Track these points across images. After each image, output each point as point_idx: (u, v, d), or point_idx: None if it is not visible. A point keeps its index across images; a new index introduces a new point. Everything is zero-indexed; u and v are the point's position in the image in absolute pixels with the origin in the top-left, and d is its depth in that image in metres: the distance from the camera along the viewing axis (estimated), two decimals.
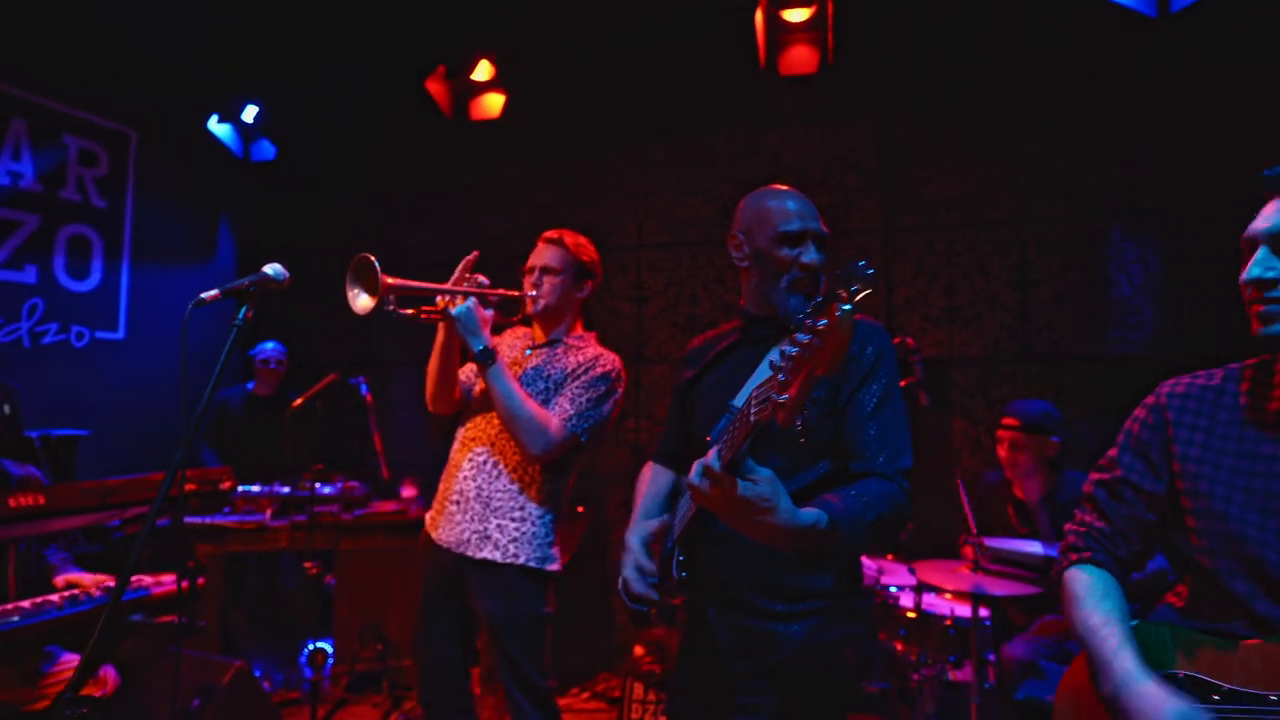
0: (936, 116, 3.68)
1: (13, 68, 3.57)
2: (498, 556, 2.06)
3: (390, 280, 1.96)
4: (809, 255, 1.48)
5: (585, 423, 2.07)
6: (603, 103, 4.30)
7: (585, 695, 3.78)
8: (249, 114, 4.21)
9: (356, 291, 2.01)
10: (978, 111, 3.60)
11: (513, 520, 2.09)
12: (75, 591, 2.38)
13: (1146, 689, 1.04)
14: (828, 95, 3.82)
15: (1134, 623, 1.17)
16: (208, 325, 4.51)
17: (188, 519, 3.48)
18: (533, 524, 2.10)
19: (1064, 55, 3.41)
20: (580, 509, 3.93)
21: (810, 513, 1.18)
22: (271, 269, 1.63)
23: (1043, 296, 3.50)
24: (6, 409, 2.99)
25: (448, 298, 2.06)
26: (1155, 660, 1.11)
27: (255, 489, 3.70)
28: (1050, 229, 3.47)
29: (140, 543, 1.36)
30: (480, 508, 2.11)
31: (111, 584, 2.47)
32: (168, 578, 2.60)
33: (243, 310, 1.57)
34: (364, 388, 3.62)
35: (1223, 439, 1.16)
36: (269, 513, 3.63)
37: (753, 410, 1.05)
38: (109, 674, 2.48)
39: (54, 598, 2.33)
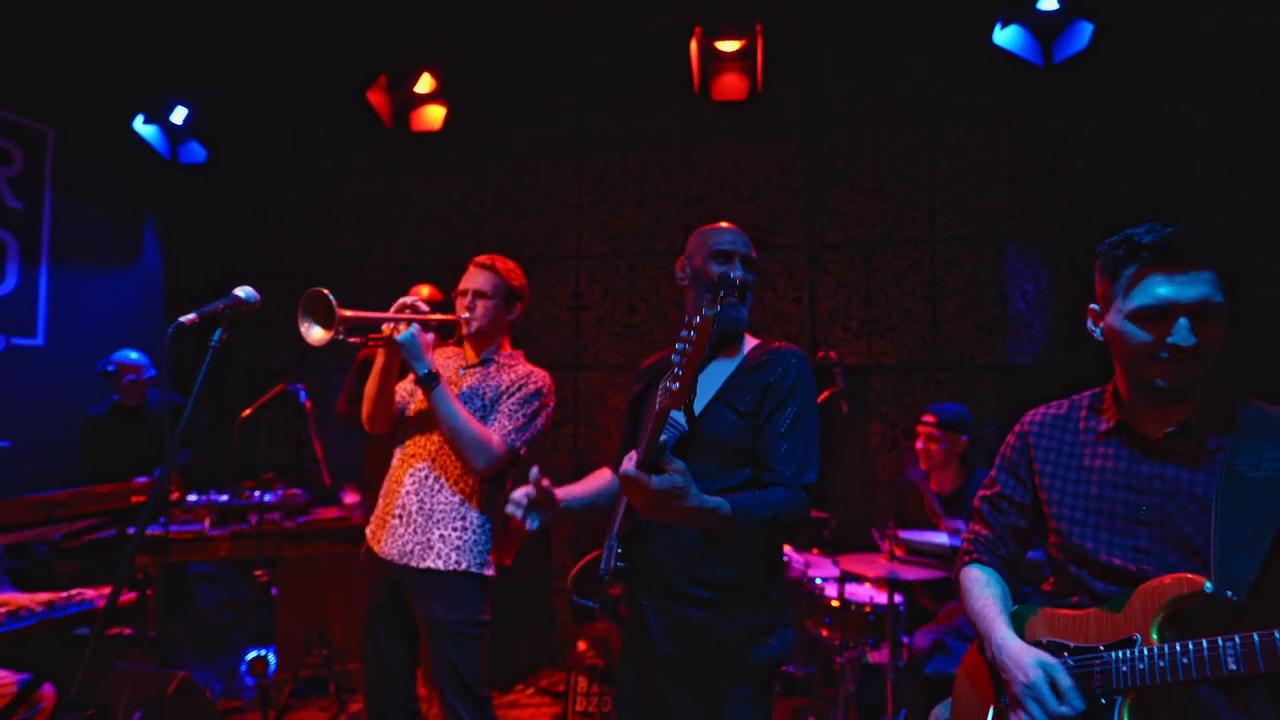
0: (856, 144, 3.97)
1: None
2: (440, 564, 2.16)
3: (345, 313, 2.05)
4: (735, 271, 1.69)
5: (523, 436, 2.21)
6: (543, 118, 4.41)
7: (530, 691, 3.89)
8: (178, 115, 4.10)
9: (309, 325, 2.08)
10: (893, 141, 3.91)
11: (454, 530, 2.19)
12: (15, 608, 2.33)
13: (1017, 647, 1.31)
14: (757, 119, 4.05)
15: (1013, 608, 1.44)
16: (132, 327, 4.39)
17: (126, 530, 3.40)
18: (474, 532, 2.21)
19: (968, 94, 3.74)
20: (515, 524, 4.03)
21: (715, 500, 1.39)
22: (243, 291, 1.69)
23: (950, 310, 3.83)
24: None
25: (391, 325, 2.16)
26: (1026, 633, 1.37)
27: (193, 498, 3.64)
28: (956, 248, 3.81)
29: (131, 553, 1.41)
30: (423, 520, 2.20)
31: (50, 600, 2.43)
32: (107, 590, 2.57)
33: (218, 332, 1.62)
34: (303, 394, 3.61)
35: (1068, 456, 1.42)
36: (207, 522, 3.59)
37: (658, 401, 1.29)
38: (47, 692, 2.44)
39: None
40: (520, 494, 1.58)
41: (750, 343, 1.75)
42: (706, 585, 1.58)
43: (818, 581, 3.03)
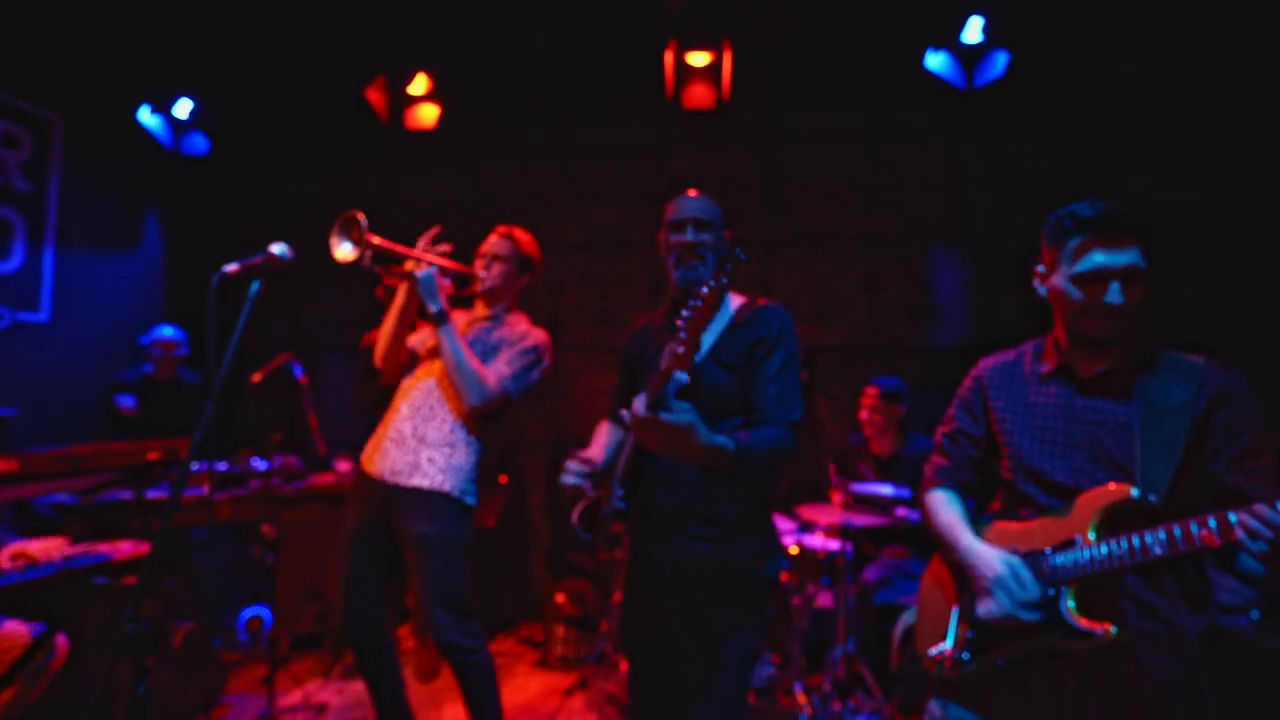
0: (806, 150, 4.07)
1: None
2: (426, 484, 2.11)
3: (374, 238, 2.01)
4: (683, 236, 1.71)
5: (517, 384, 2.18)
6: (530, 120, 4.38)
7: (511, 640, 3.86)
8: (183, 108, 3.94)
9: (340, 239, 2.04)
10: (838, 149, 4.02)
11: (442, 454, 2.14)
12: (35, 558, 2.21)
13: (984, 549, 1.40)
14: (722, 127, 4.11)
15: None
16: (133, 308, 4.19)
17: (119, 496, 3.23)
18: (460, 460, 2.16)
19: (903, 110, 3.88)
20: (503, 479, 4.01)
21: (722, 438, 1.42)
22: (278, 248, 1.64)
23: (886, 300, 3.97)
24: None
25: (414, 262, 2.12)
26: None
27: (195, 466, 3.49)
28: (891, 246, 3.94)
29: (171, 510, 1.35)
30: (415, 442, 2.15)
31: (65, 549, 2.32)
32: (124, 544, 2.46)
33: (255, 284, 1.57)
34: (298, 369, 3.50)
35: (1017, 395, 1.50)
36: (208, 487, 3.44)
37: (664, 360, 1.31)
38: (61, 642, 2.32)
39: (7, 565, 2.16)
40: (574, 466, 1.62)
41: (736, 301, 1.75)
42: (711, 522, 1.60)
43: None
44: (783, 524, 3.19)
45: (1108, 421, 1.37)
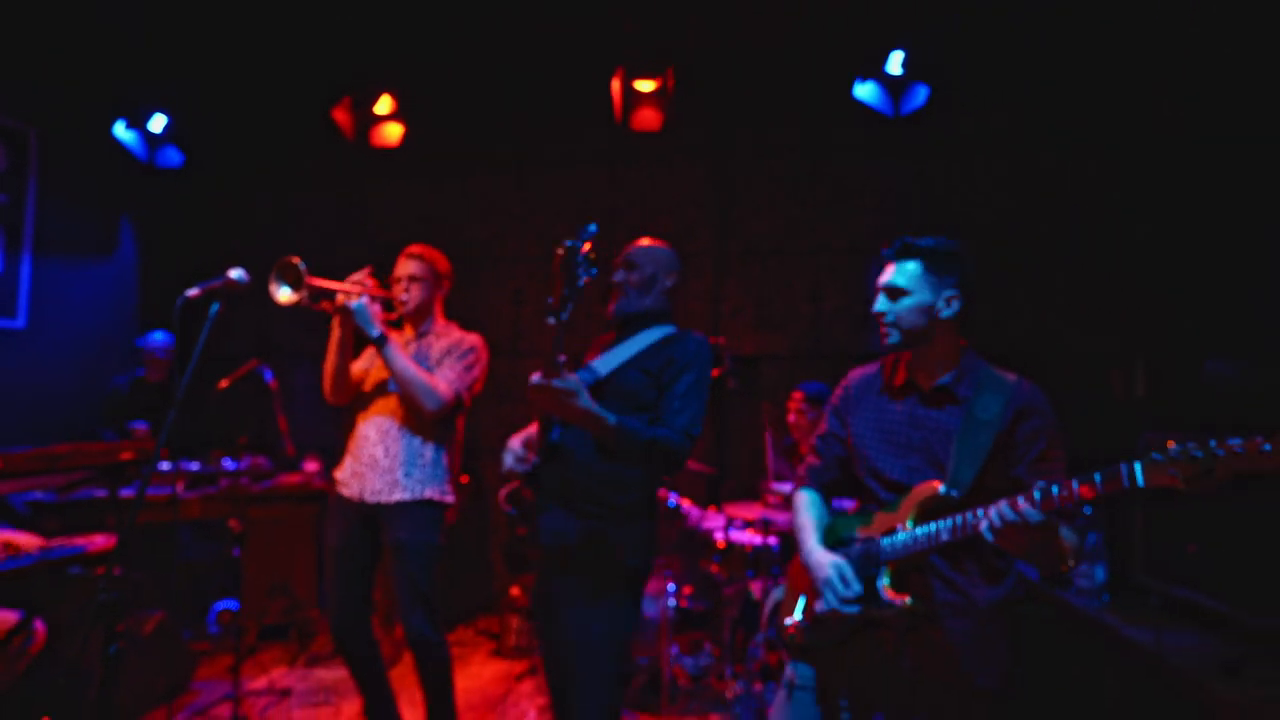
0: (753, 169, 4.36)
1: None
2: (408, 496, 2.40)
3: (312, 280, 2.25)
4: (628, 275, 2.02)
5: (463, 382, 2.46)
6: (489, 137, 4.64)
7: (470, 631, 4.13)
8: (157, 123, 4.17)
9: (279, 285, 2.25)
10: (782, 168, 4.31)
11: (416, 468, 2.43)
12: (16, 549, 2.44)
13: (819, 554, 1.67)
14: (672, 145, 4.38)
15: (827, 521, 1.78)
16: (108, 315, 4.42)
17: (98, 493, 3.47)
18: (432, 467, 2.46)
19: (841, 133, 4.18)
20: (464, 478, 4.27)
21: (604, 410, 1.69)
22: (235, 273, 1.86)
23: (829, 310, 4.26)
24: None
25: (344, 295, 2.36)
26: (838, 535, 1.71)
27: (165, 466, 3.73)
28: (834, 259, 4.24)
29: (137, 504, 1.61)
30: (389, 463, 2.43)
31: (43, 543, 2.55)
32: (98, 538, 2.69)
33: (214, 305, 1.82)
34: (268, 374, 3.74)
35: (870, 402, 1.78)
36: (180, 485, 3.69)
37: (549, 320, 1.62)
38: (39, 627, 2.56)
39: None
40: (514, 452, 1.89)
41: (669, 329, 2.01)
42: (600, 503, 1.86)
43: (708, 528, 3.39)
44: (715, 522, 3.48)
45: (939, 429, 1.65)
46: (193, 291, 1.77)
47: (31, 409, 3.84)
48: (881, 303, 1.65)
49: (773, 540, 3.17)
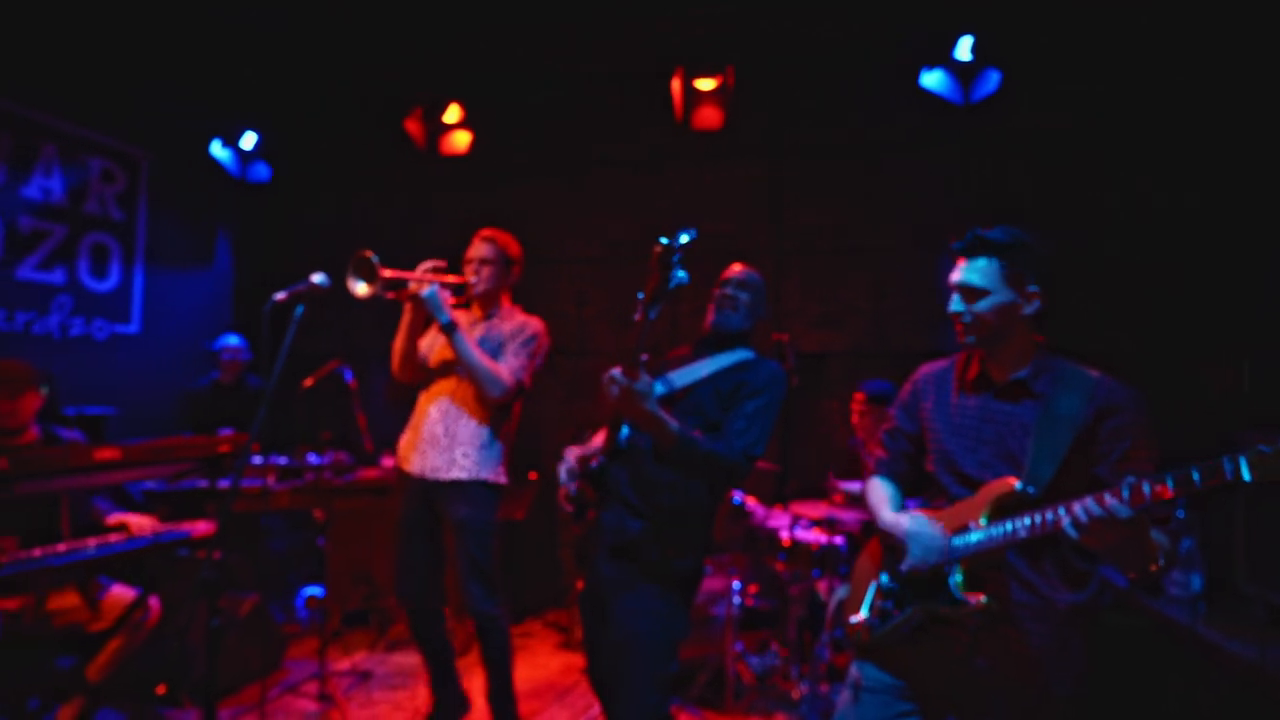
0: (811, 166, 4.29)
1: (46, 98, 3.77)
2: (464, 476, 2.48)
3: (385, 272, 2.35)
4: (730, 290, 2.06)
5: (525, 372, 2.53)
6: (551, 143, 4.73)
7: (538, 624, 4.22)
8: (248, 140, 4.46)
9: (356, 280, 2.35)
10: (841, 163, 4.22)
11: (473, 448, 2.51)
12: (129, 531, 2.67)
13: (898, 516, 1.65)
14: (730, 144, 4.36)
15: (900, 506, 1.75)
16: (207, 320, 4.75)
17: (200, 483, 3.74)
18: (488, 449, 2.54)
19: (903, 125, 4.05)
20: (533, 475, 4.36)
21: (669, 418, 1.71)
22: (318, 277, 1.97)
23: (891, 307, 4.15)
24: (47, 390, 3.21)
25: (417, 283, 2.45)
26: None
27: (257, 460, 3.98)
28: (896, 255, 4.12)
29: (231, 493, 1.74)
30: (448, 442, 2.51)
31: (155, 525, 2.77)
32: (200, 524, 2.91)
33: (299, 308, 1.93)
34: (348, 374, 3.94)
35: (945, 398, 1.73)
36: (272, 478, 3.93)
37: (636, 315, 1.63)
38: (153, 603, 2.78)
39: (113, 537, 2.62)
40: (568, 466, 1.95)
41: (748, 354, 2.03)
42: (659, 506, 1.89)
43: (773, 526, 3.35)
44: (781, 521, 3.44)
45: (1012, 423, 1.59)
46: (280, 295, 1.89)
47: (146, 405, 4.19)
48: (957, 303, 1.60)
49: (839, 540, 3.12)
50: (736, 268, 2.09)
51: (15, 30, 3.55)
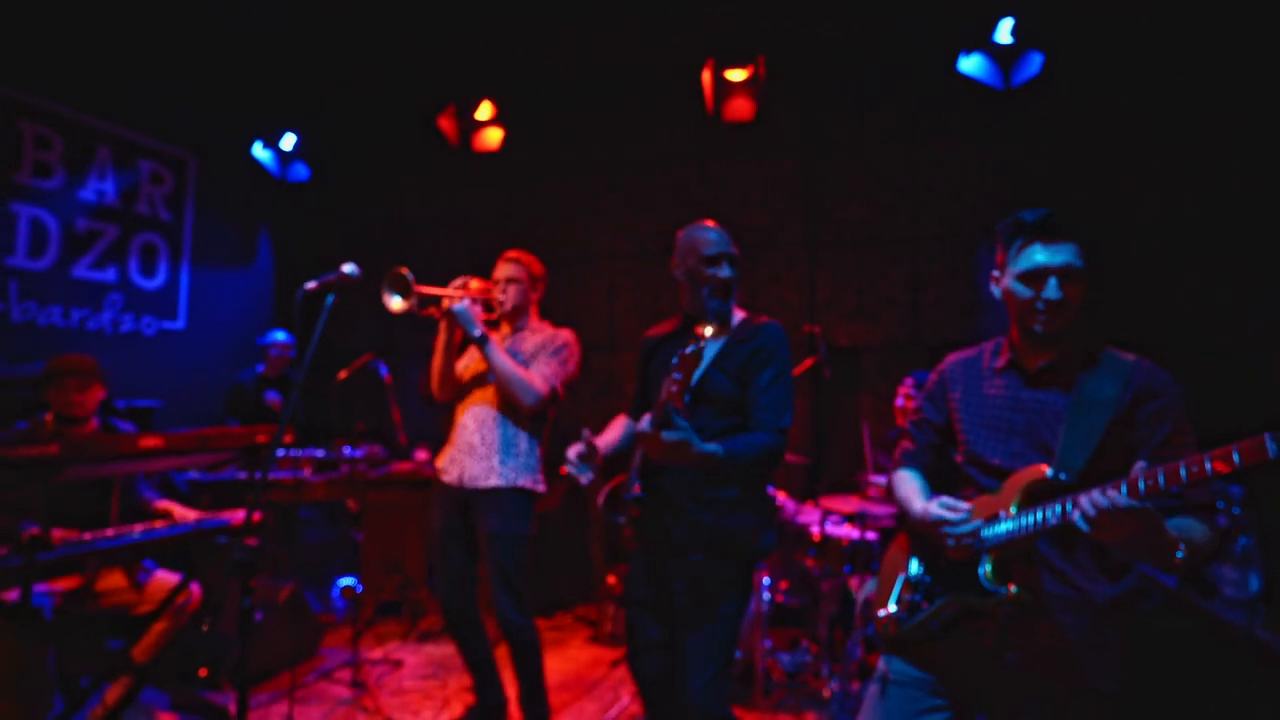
0: (847, 157, 4.22)
1: (100, 101, 3.94)
2: (502, 483, 2.52)
3: (420, 288, 2.41)
4: (723, 272, 1.97)
5: (557, 379, 2.55)
6: (583, 140, 4.76)
7: (569, 619, 4.24)
8: (287, 141, 4.59)
9: (391, 295, 2.42)
10: (878, 155, 4.14)
11: (511, 456, 2.55)
12: (173, 518, 2.77)
13: (927, 503, 1.58)
14: (762, 137, 4.32)
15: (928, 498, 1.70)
16: (249, 317, 4.90)
17: (238, 475, 3.86)
18: (525, 457, 2.57)
19: (942, 114, 3.96)
20: (564, 470, 4.38)
21: (712, 445, 1.70)
22: (348, 267, 2.01)
23: (929, 299, 4.05)
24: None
25: (448, 299, 2.51)
26: None
27: (295, 453, 4.09)
28: (934, 246, 4.03)
29: (265, 475, 1.79)
30: (485, 450, 2.56)
31: (198, 515, 2.87)
32: (240, 513, 3.00)
33: (330, 297, 1.97)
34: (383, 370, 4.02)
35: (974, 387, 1.68)
36: (308, 470, 4.03)
37: (664, 389, 1.61)
38: (195, 589, 2.88)
39: (158, 523, 2.73)
40: (573, 452, 1.90)
41: (738, 316, 2.02)
42: (712, 501, 1.88)
43: (802, 521, 3.30)
44: (811, 516, 3.39)
45: (1045, 411, 1.53)
46: (311, 285, 1.94)
47: (191, 398, 4.34)
48: (1056, 289, 1.46)
49: (871, 535, 3.05)
50: (709, 228, 2.00)
51: (70, 37, 3.72)
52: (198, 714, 2.91)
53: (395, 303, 2.43)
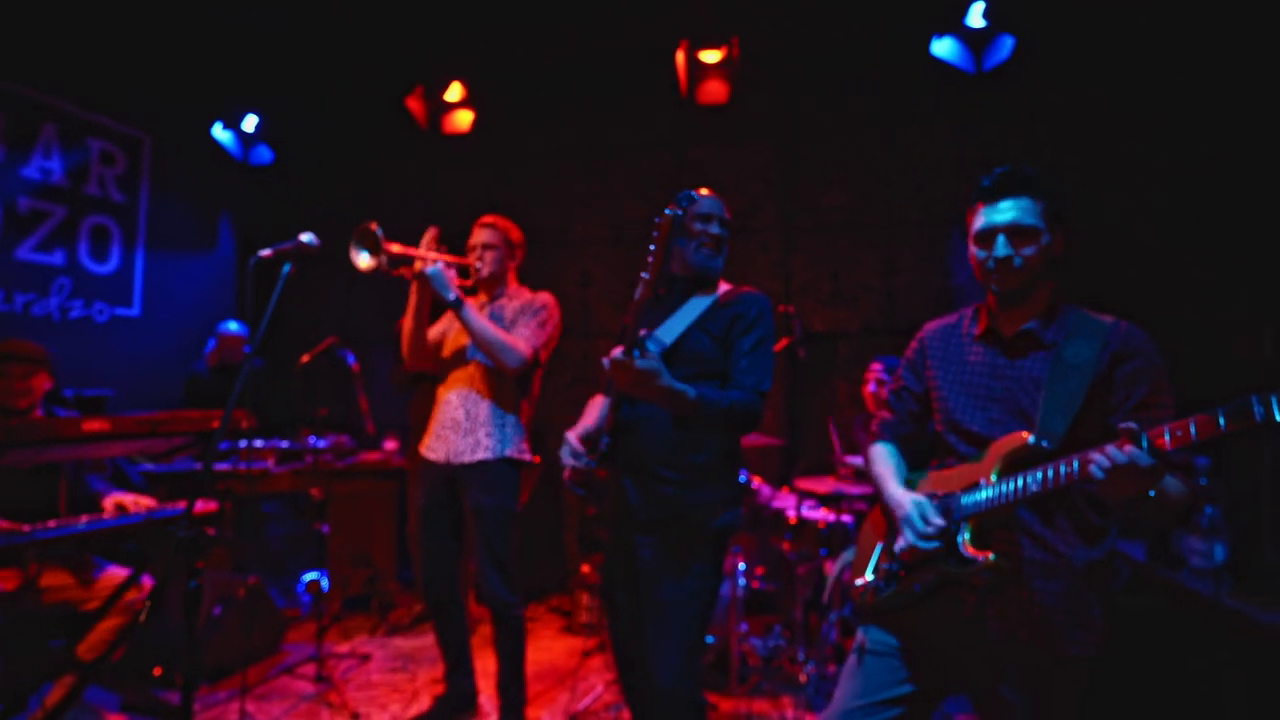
0: (822, 142, 4.20)
1: (46, 75, 3.74)
2: (489, 456, 2.45)
3: (390, 246, 2.31)
4: (713, 228, 1.95)
5: (538, 340, 2.49)
6: (555, 123, 4.68)
7: (542, 608, 4.17)
8: (249, 123, 4.43)
9: (359, 251, 2.32)
10: (852, 139, 4.13)
11: (495, 427, 2.49)
12: (127, 508, 2.64)
13: (901, 493, 1.56)
14: (737, 120, 4.28)
15: (907, 475, 1.67)
16: (209, 304, 4.74)
17: (196, 465, 3.71)
18: (510, 428, 2.51)
19: (915, 99, 3.96)
20: (536, 459, 4.30)
21: (684, 385, 1.65)
22: (306, 236, 1.90)
23: (903, 284, 4.05)
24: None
25: (421, 260, 2.41)
26: (917, 489, 1.59)
27: (259, 443, 3.96)
28: (908, 231, 4.03)
29: (209, 462, 1.69)
30: (470, 424, 2.49)
31: (151, 505, 2.74)
32: (198, 503, 2.87)
33: (286, 266, 1.87)
34: (350, 357, 3.91)
35: (953, 354, 1.65)
36: (271, 461, 3.90)
37: (636, 292, 1.57)
38: (146, 582, 2.75)
39: (105, 515, 2.60)
40: (571, 447, 1.86)
41: (724, 287, 1.99)
42: (678, 469, 1.83)
43: (778, 506, 3.27)
44: (787, 502, 3.36)
45: (1023, 377, 1.51)
46: (265, 252, 1.84)
47: (148, 387, 4.17)
48: (1003, 246, 1.46)
49: (847, 518, 3.03)
50: (704, 195, 1.96)
51: (12, 7, 3.54)
52: (150, 714, 2.78)
53: (363, 260, 2.32)
